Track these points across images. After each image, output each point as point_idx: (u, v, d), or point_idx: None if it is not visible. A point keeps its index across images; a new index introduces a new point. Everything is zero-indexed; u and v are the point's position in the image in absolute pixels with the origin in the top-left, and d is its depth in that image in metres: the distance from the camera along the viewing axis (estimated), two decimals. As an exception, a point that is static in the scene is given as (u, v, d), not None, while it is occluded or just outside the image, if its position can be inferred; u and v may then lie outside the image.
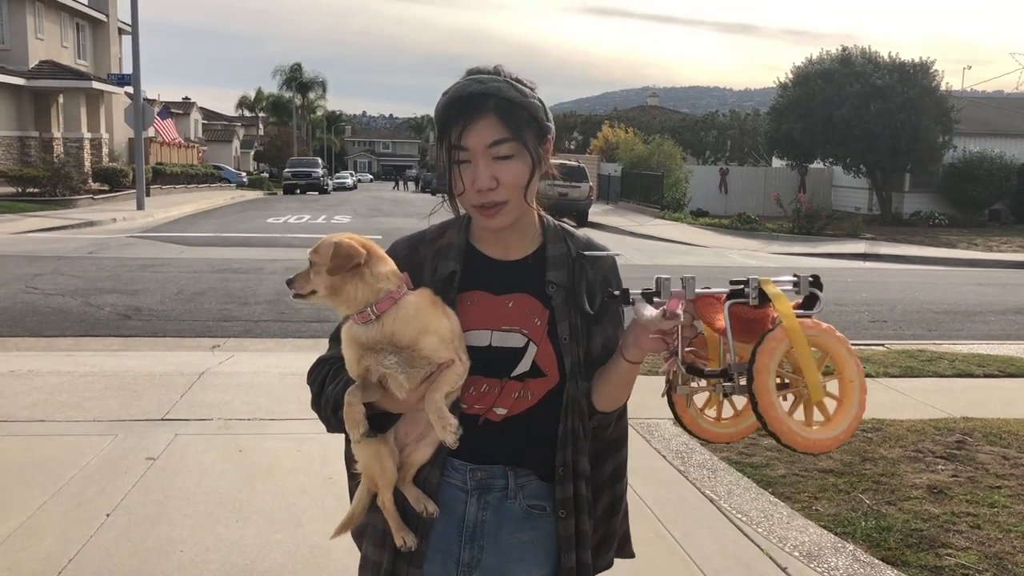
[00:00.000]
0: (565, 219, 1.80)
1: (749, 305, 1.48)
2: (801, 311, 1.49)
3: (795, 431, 1.42)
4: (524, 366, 1.61)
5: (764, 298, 1.48)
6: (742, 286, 1.48)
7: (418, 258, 1.66)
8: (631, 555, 1.90)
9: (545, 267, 1.66)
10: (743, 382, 1.44)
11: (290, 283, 1.55)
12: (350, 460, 1.76)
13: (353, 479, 1.76)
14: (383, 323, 1.48)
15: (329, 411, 1.60)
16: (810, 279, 1.51)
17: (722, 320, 1.49)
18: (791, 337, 1.42)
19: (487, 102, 1.52)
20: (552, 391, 1.62)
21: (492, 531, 1.64)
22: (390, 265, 1.54)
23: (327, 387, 1.61)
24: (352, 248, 1.49)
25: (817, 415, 1.49)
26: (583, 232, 1.78)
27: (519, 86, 1.56)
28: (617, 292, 1.54)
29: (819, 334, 1.46)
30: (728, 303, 1.49)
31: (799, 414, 1.49)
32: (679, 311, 1.45)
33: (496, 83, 1.54)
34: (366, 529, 1.72)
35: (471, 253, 1.67)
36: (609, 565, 1.83)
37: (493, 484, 1.65)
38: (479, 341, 1.59)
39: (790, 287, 1.50)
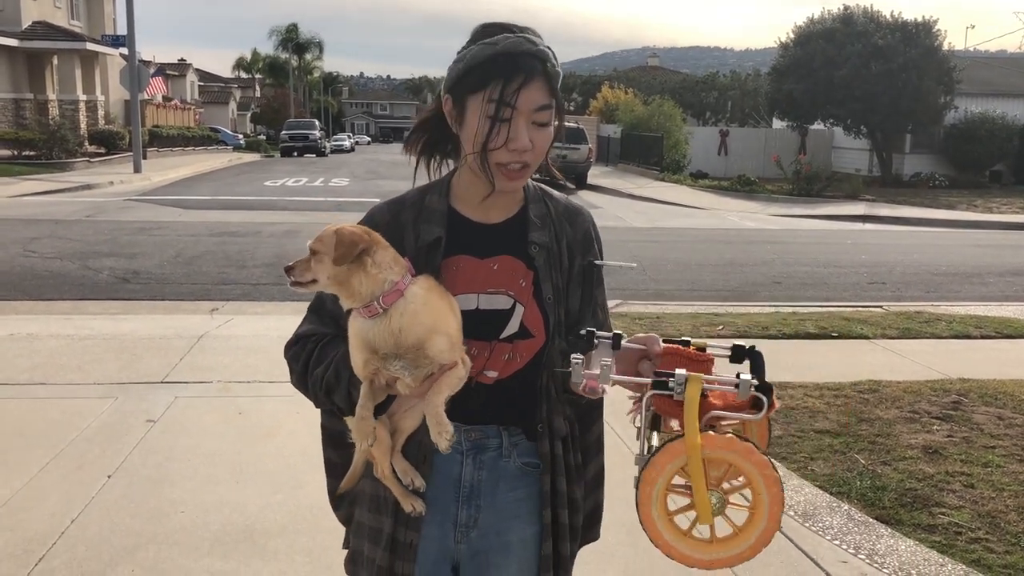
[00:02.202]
0: (566, 182, 1.77)
1: (674, 400, 1.38)
2: (739, 413, 1.40)
3: (671, 545, 1.37)
4: (512, 327, 1.61)
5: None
6: (667, 378, 1.37)
7: (399, 224, 1.64)
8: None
9: (527, 228, 1.66)
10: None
11: (289, 270, 1.48)
12: (330, 430, 1.75)
13: (333, 448, 1.77)
14: (391, 317, 1.44)
15: (321, 394, 1.59)
16: (754, 383, 1.36)
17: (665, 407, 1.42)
18: (688, 455, 1.34)
19: (539, 65, 1.51)
20: (540, 352, 1.62)
21: (489, 490, 1.65)
22: (392, 252, 1.50)
23: (313, 369, 1.60)
24: (356, 235, 1.46)
25: (721, 525, 1.39)
26: (559, 193, 1.77)
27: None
28: (583, 332, 1.50)
29: (727, 452, 1.35)
30: (649, 394, 1.40)
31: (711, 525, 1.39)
32: (600, 391, 1.40)
33: (544, 47, 1.53)
34: (358, 497, 1.73)
35: (453, 217, 1.65)
36: (597, 536, 1.85)
37: (488, 444, 1.65)
38: (466, 305, 1.58)
39: (729, 385, 1.38)
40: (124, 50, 28.07)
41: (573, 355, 1.45)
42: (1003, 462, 4.27)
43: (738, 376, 1.36)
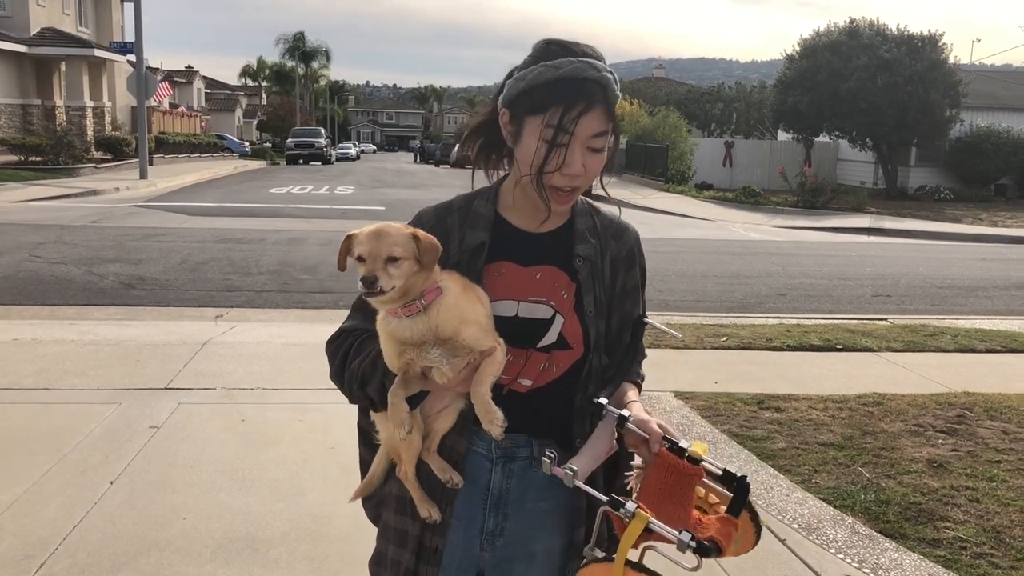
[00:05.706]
0: (613, 200, 1.78)
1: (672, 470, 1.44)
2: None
3: None
4: (551, 337, 1.62)
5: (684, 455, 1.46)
6: (620, 505, 1.42)
7: (445, 227, 1.65)
8: None
9: (573, 240, 1.67)
10: None
11: (372, 282, 1.41)
12: (365, 430, 1.75)
13: (367, 447, 1.76)
14: (429, 315, 1.45)
15: (355, 387, 1.59)
16: (692, 544, 1.36)
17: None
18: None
19: (600, 92, 1.52)
20: (576, 364, 1.63)
21: (516, 499, 1.65)
22: None
23: (351, 361, 1.61)
24: (430, 238, 1.47)
25: None
26: (608, 208, 1.77)
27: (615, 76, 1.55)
28: (595, 401, 1.57)
29: None
30: (603, 508, 1.45)
31: None
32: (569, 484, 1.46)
33: (607, 73, 1.53)
34: (385, 498, 1.73)
35: (499, 224, 1.67)
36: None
37: (518, 453, 1.65)
38: (506, 311, 1.60)
39: (670, 538, 1.39)
40: (132, 57, 28.21)
41: (548, 450, 1.51)
42: (1008, 476, 4.25)
43: (681, 532, 1.36)
